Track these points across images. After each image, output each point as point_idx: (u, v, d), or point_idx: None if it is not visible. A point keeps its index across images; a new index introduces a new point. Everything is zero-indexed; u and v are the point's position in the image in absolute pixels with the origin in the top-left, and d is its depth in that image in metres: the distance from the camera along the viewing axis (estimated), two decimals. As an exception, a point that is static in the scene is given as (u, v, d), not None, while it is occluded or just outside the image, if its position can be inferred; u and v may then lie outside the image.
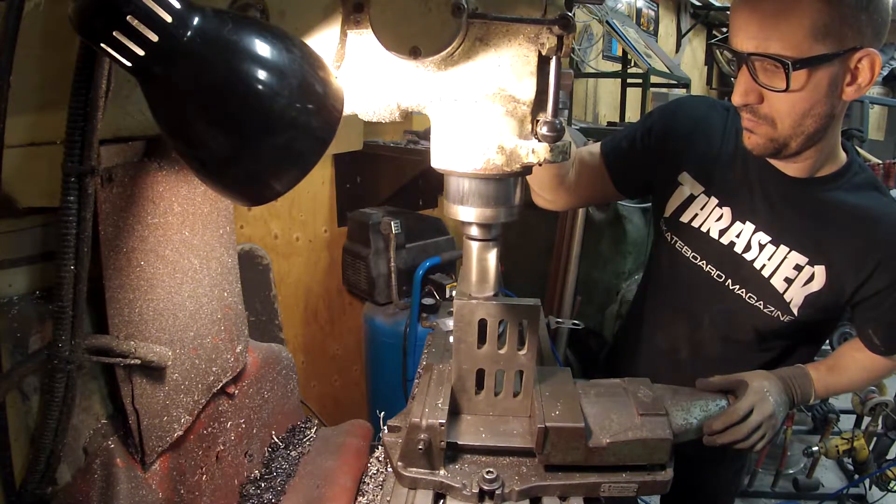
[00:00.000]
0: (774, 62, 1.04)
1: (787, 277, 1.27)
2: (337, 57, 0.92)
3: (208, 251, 1.11)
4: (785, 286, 1.27)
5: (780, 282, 1.28)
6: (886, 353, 1.31)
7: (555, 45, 0.84)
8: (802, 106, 1.10)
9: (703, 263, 1.37)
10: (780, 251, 1.27)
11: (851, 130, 2.94)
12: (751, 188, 1.31)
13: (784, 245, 1.27)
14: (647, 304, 1.56)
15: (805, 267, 1.25)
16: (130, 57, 0.61)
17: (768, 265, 1.29)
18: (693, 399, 1.17)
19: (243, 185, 0.79)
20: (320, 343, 2.98)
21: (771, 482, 3.24)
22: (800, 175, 1.26)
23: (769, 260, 1.28)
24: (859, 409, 2.95)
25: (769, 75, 1.08)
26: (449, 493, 0.99)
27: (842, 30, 1.04)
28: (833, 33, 1.03)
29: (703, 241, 1.36)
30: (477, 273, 1.02)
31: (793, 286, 1.27)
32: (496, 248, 1.00)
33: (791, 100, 1.09)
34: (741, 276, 1.32)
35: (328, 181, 2.84)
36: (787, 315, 1.29)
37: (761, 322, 1.33)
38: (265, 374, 1.33)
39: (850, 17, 1.03)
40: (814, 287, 1.25)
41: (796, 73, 1.04)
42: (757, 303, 1.32)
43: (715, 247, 1.34)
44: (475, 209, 0.94)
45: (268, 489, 1.22)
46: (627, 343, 1.66)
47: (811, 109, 1.11)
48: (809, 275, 1.25)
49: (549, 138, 0.86)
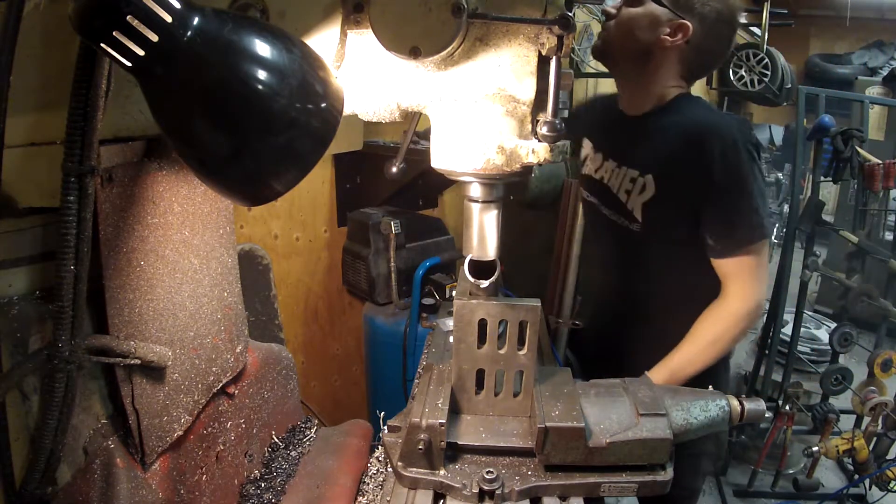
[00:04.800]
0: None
1: (627, 189, 1.54)
2: (337, 57, 0.92)
3: (208, 251, 1.11)
4: (626, 197, 1.54)
5: (623, 194, 1.55)
6: (722, 251, 1.44)
7: (555, 45, 0.84)
8: (629, 24, 1.46)
9: (593, 199, 1.71)
10: (621, 170, 1.57)
11: (851, 130, 2.92)
12: (609, 132, 1.69)
13: (624, 165, 1.56)
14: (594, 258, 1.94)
15: (638, 178, 1.51)
16: (130, 57, 0.61)
17: (614, 183, 1.59)
18: (693, 399, 1.16)
19: (243, 185, 0.79)
20: (320, 343, 2.98)
21: (771, 482, 3.23)
22: (635, 113, 1.58)
23: (615, 178, 1.59)
24: (859, 409, 2.95)
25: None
26: (449, 493, 0.99)
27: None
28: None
29: (590, 182, 1.73)
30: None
31: (632, 196, 1.52)
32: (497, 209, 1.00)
33: (626, 15, 1.46)
34: (605, 198, 1.64)
35: (328, 181, 2.84)
36: (634, 223, 1.53)
37: (620, 234, 1.59)
38: (265, 374, 1.33)
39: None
40: (647, 195, 1.49)
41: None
42: (614, 217, 1.60)
43: (594, 183, 1.69)
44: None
45: (268, 489, 1.22)
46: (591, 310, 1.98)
47: (632, 33, 1.46)
48: (642, 185, 1.50)
49: (549, 138, 0.86)
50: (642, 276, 1.63)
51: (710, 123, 1.44)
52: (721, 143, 1.38)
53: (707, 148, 1.38)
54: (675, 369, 1.44)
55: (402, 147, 1.15)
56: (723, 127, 1.42)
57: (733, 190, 1.39)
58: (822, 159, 3.13)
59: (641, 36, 1.45)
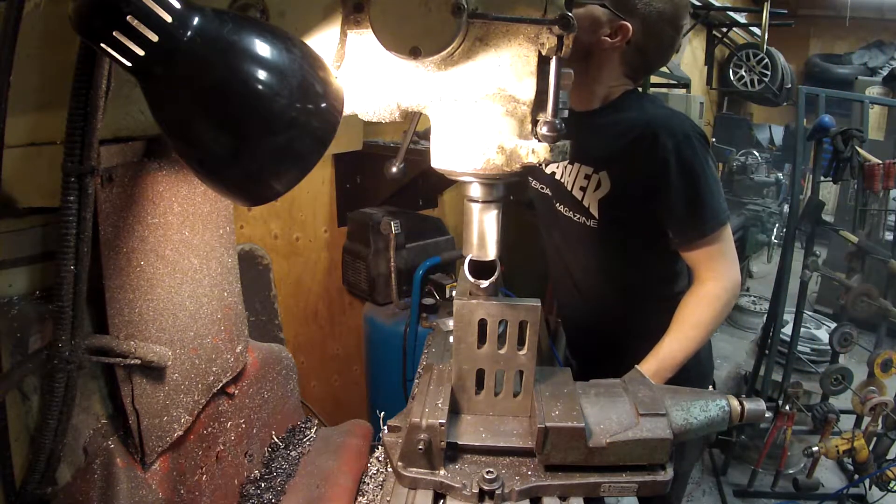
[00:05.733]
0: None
1: (581, 186, 1.55)
2: (337, 57, 0.92)
3: (208, 251, 1.11)
4: (581, 194, 1.55)
5: (578, 190, 1.56)
6: (688, 243, 1.46)
7: (555, 45, 0.84)
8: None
9: (546, 191, 1.70)
10: (574, 167, 1.57)
11: (851, 130, 2.92)
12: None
13: (577, 162, 1.56)
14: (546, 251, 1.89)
15: (592, 175, 1.52)
16: (130, 57, 0.61)
17: (568, 180, 1.59)
18: (693, 399, 1.16)
19: (243, 185, 0.79)
20: (320, 343, 2.98)
21: (771, 482, 3.24)
22: (584, 108, 1.58)
23: (569, 176, 1.59)
24: (859, 409, 2.95)
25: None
26: (449, 493, 0.99)
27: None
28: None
29: (540, 173, 1.71)
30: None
31: (587, 193, 1.53)
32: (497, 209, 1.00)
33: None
34: (559, 195, 1.64)
35: (328, 181, 2.84)
36: (591, 220, 1.54)
37: (576, 230, 1.59)
38: (265, 374, 1.33)
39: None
40: (603, 192, 1.50)
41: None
42: (568, 213, 1.61)
43: (545, 176, 1.69)
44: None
45: (268, 489, 1.22)
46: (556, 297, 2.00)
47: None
48: (597, 181, 1.51)
49: (549, 138, 0.86)
50: (602, 271, 1.65)
51: (661, 118, 1.47)
52: (673, 137, 1.41)
53: (660, 143, 1.41)
54: (665, 357, 1.45)
55: (402, 147, 1.15)
56: (673, 121, 1.46)
57: (690, 182, 1.42)
58: (822, 159, 3.13)
59: (582, 37, 1.43)
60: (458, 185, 1.17)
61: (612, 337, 1.68)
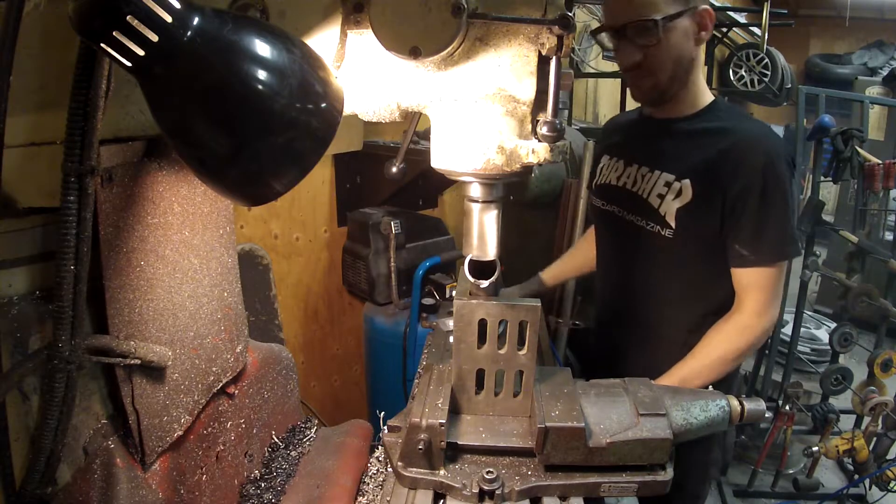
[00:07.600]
0: (646, 23, 1.38)
1: (659, 194, 1.50)
2: (337, 57, 0.92)
3: (208, 251, 1.11)
4: (658, 201, 1.50)
5: (655, 198, 1.51)
6: (748, 260, 1.42)
7: (555, 45, 0.84)
8: (671, 53, 1.42)
9: (610, 207, 1.67)
10: (654, 175, 1.53)
11: (851, 130, 2.92)
12: (635, 139, 1.66)
13: (657, 169, 1.52)
14: (597, 265, 1.85)
15: (673, 183, 1.47)
16: (130, 57, 0.61)
17: (645, 188, 1.54)
18: (693, 399, 1.16)
19: (243, 185, 0.79)
20: (320, 343, 2.98)
21: (771, 482, 3.23)
22: (671, 116, 1.55)
23: (645, 183, 1.54)
24: (859, 409, 2.95)
25: (643, 36, 1.41)
26: (449, 493, 0.99)
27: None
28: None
29: (606, 189, 1.68)
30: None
31: (665, 201, 1.48)
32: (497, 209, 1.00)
33: (663, 49, 1.42)
34: (629, 205, 1.59)
35: (328, 181, 2.84)
36: (667, 229, 1.48)
37: (648, 240, 1.53)
38: (265, 374, 1.33)
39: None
40: (683, 201, 1.46)
41: (664, 28, 1.38)
42: (641, 222, 1.55)
43: (613, 190, 1.65)
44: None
45: (268, 489, 1.22)
46: (595, 308, 1.93)
47: (678, 55, 1.43)
48: (678, 189, 1.46)
49: (549, 138, 0.86)
50: (669, 281, 1.58)
51: (755, 135, 1.45)
52: (764, 156, 1.39)
53: (749, 160, 1.39)
54: (683, 381, 1.41)
55: (402, 147, 1.15)
56: (766, 140, 1.43)
57: (771, 203, 1.38)
58: (822, 159, 3.13)
59: (684, 51, 1.43)
60: (458, 185, 1.17)
61: (655, 350, 1.59)
